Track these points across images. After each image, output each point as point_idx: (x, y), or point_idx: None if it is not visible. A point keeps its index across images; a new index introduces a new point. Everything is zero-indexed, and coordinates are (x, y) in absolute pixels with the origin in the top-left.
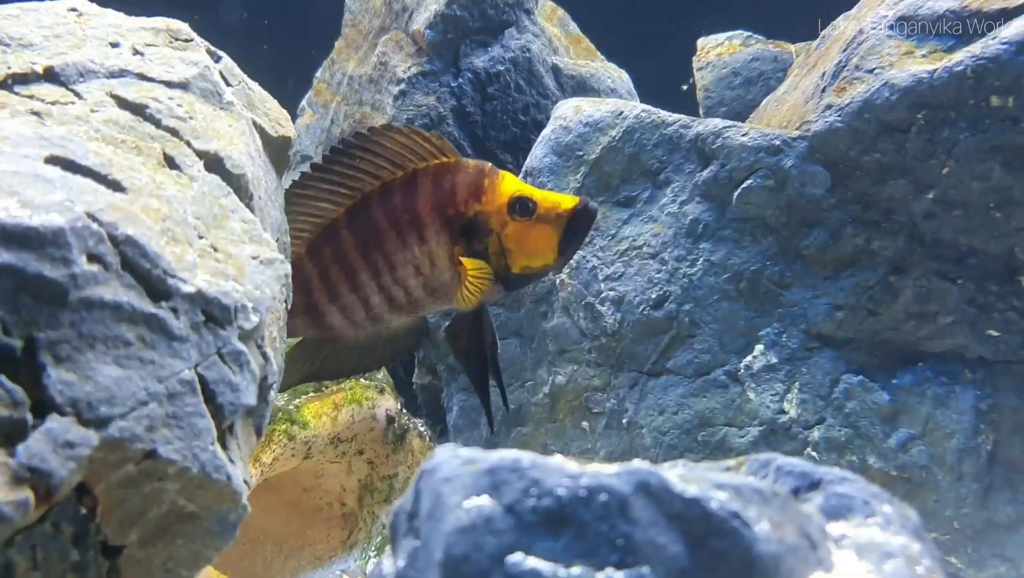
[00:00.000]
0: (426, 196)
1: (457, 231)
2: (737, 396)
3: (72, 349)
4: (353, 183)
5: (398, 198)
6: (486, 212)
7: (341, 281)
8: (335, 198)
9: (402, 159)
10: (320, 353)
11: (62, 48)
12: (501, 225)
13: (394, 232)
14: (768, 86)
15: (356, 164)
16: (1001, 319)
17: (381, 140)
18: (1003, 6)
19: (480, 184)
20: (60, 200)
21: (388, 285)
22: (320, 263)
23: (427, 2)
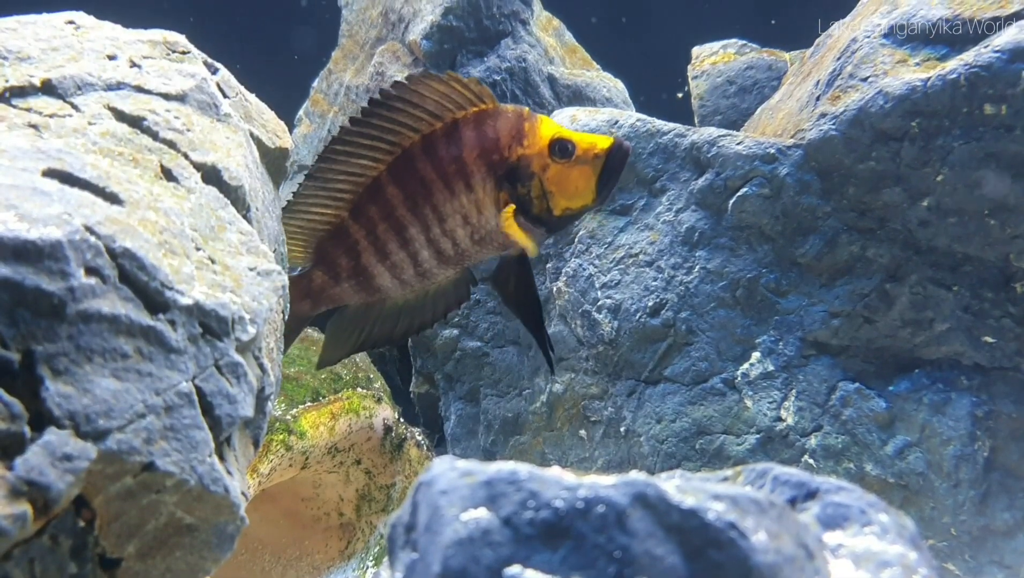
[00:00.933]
0: (470, 144)
1: (502, 177)
2: (734, 404)
3: (70, 362)
4: (393, 137)
5: (442, 148)
6: (528, 155)
7: (390, 238)
8: (375, 154)
9: (441, 109)
10: (368, 319)
11: (59, 61)
12: (543, 168)
13: (442, 183)
14: (763, 94)
15: (395, 117)
16: (996, 326)
17: (420, 89)
18: (995, 15)
19: (521, 128)
20: (58, 213)
21: (437, 238)
22: (367, 223)
23: (423, 13)
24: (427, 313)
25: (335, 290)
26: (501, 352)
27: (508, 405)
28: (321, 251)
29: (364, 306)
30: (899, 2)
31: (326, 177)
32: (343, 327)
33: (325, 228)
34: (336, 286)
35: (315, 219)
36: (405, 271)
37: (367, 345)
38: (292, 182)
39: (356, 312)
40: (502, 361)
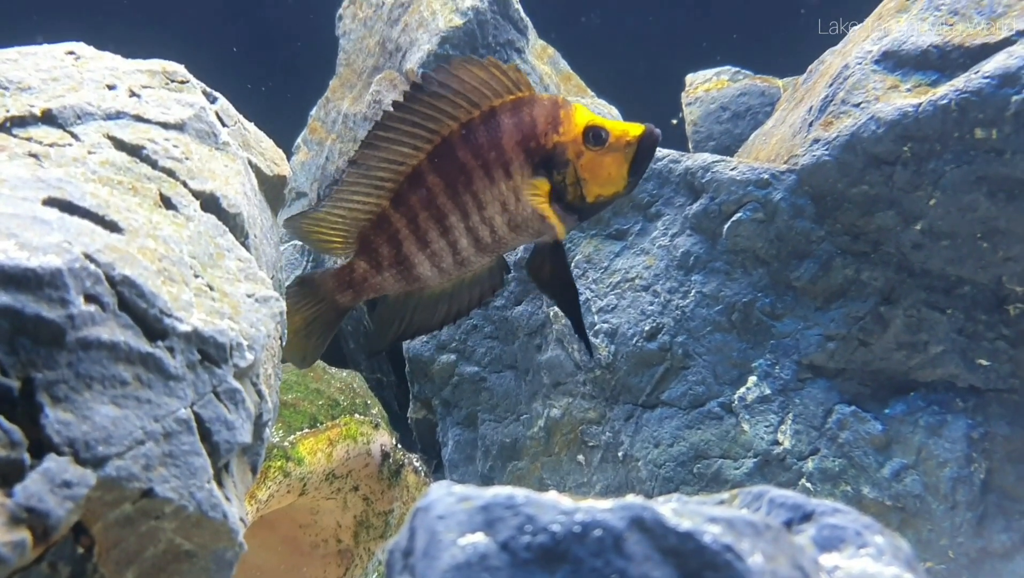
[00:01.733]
0: (509, 131)
1: (538, 164)
2: (732, 427)
3: (69, 389)
4: (433, 125)
5: (482, 135)
6: (564, 143)
7: (431, 227)
8: (416, 142)
9: (480, 96)
10: (408, 308)
11: (60, 91)
12: (577, 155)
13: (482, 170)
14: (756, 120)
15: (436, 104)
16: (991, 348)
17: (461, 74)
18: (984, 41)
19: (557, 115)
20: (58, 241)
21: (476, 225)
22: (408, 211)
23: (420, 42)
24: (463, 300)
25: (376, 280)
26: (499, 377)
27: (506, 430)
28: (363, 241)
29: (403, 295)
30: (890, 29)
31: (368, 164)
32: (386, 318)
33: (367, 217)
34: (378, 275)
35: (357, 208)
36: (444, 259)
37: (407, 334)
38: (290, 209)
39: (396, 301)
40: (500, 386)
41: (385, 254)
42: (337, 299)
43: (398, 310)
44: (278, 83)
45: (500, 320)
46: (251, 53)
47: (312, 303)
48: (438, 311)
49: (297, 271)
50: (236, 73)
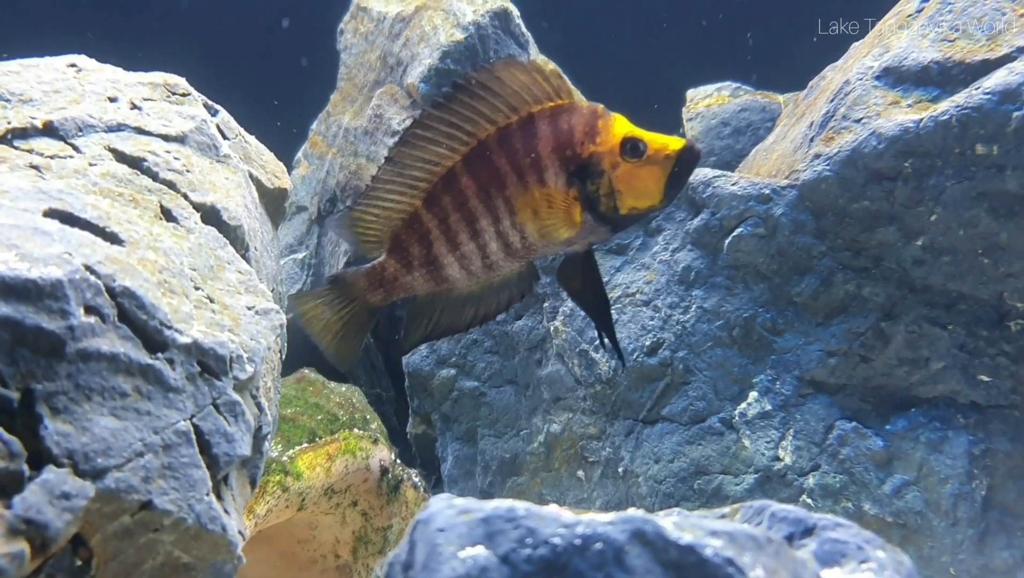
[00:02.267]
0: (546, 138)
1: (573, 173)
2: (732, 443)
3: (69, 401)
4: (470, 127)
5: (518, 141)
6: (600, 153)
7: (461, 229)
8: (452, 144)
9: (520, 101)
10: (435, 309)
11: (61, 103)
12: (613, 166)
13: (515, 176)
14: (757, 136)
15: (475, 105)
16: (992, 364)
17: (503, 76)
18: (985, 57)
19: (595, 125)
20: (58, 253)
21: (507, 230)
22: (440, 212)
23: (421, 57)
24: (491, 304)
25: (406, 279)
26: (499, 392)
27: (506, 445)
28: (395, 240)
29: (431, 296)
30: (891, 45)
31: (404, 163)
32: (415, 317)
33: (400, 216)
34: (408, 275)
35: (392, 207)
36: (473, 262)
37: (435, 334)
38: (290, 223)
39: (424, 301)
40: (500, 401)
41: (415, 254)
42: (368, 298)
43: (426, 310)
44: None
45: (500, 335)
46: (253, 67)
47: (345, 302)
48: (465, 313)
49: (297, 285)
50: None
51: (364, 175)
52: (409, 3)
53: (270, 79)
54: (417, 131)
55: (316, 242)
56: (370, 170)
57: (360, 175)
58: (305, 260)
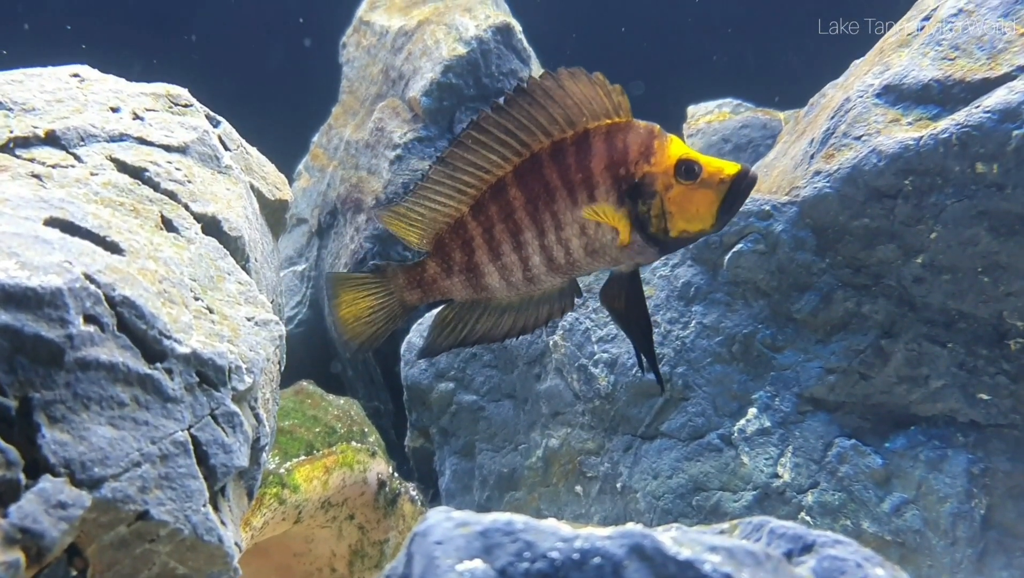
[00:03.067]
0: (600, 155)
1: (625, 192)
2: (731, 460)
3: (67, 409)
4: (525, 136)
5: (571, 156)
6: (654, 173)
7: (505, 240)
8: (505, 152)
9: (578, 115)
10: (473, 315)
11: (64, 112)
12: (666, 187)
13: (566, 191)
14: (758, 152)
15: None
16: (991, 383)
17: (565, 86)
18: (985, 76)
19: (651, 145)
20: (59, 261)
21: (551, 245)
22: (486, 221)
23: (423, 71)
24: (530, 317)
25: (445, 283)
26: (497, 406)
27: (504, 460)
28: (438, 243)
29: (470, 301)
30: (891, 63)
31: (455, 165)
32: (449, 320)
33: (445, 219)
34: (447, 279)
35: (438, 209)
36: (514, 274)
37: (469, 341)
38: (291, 234)
39: (462, 306)
40: (498, 415)
41: (457, 259)
42: (405, 296)
43: (462, 315)
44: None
45: (499, 348)
46: (255, 78)
47: (382, 293)
48: (502, 324)
49: (296, 297)
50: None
51: (365, 188)
52: (412, 17)
53: (272, 91)
54: (473, 133)
55: (316, 254)
56: (371, 183)
57: (361, 188)
58: (305, 272)
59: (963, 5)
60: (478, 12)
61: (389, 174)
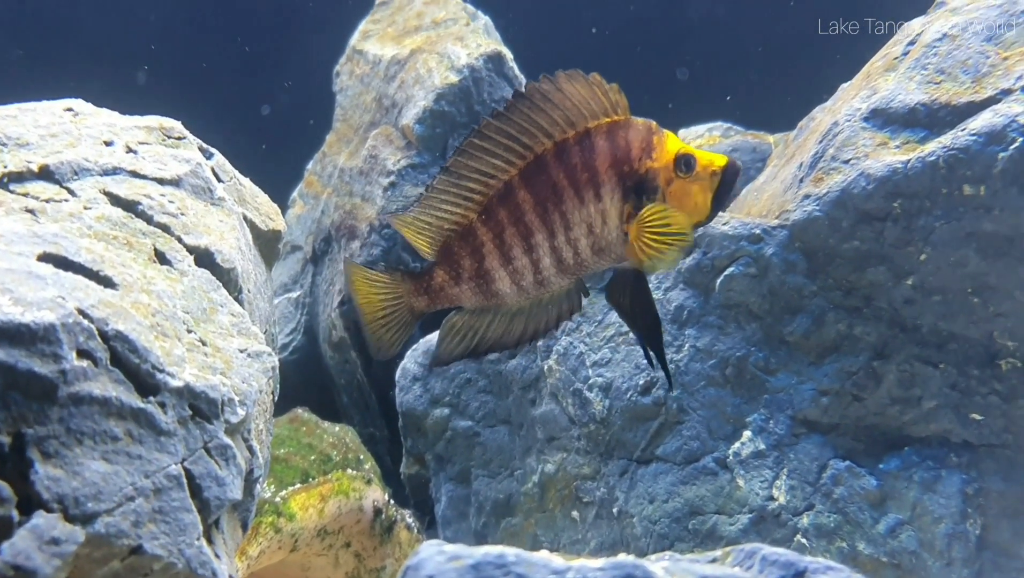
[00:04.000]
0: (603, 153)
1: (629, 188)
2: (727, 483)
3: (60, 445)
4: (528, 140)
5: (575, 155)
6: (656, 169)
7: (516, 244)
8: (509, 156)
9: (578, 115)
10: (483, 323)
11: (57, 147)
12: (667, 182)
13: (572, 190)
14: (748, 176)
15: (534, 117)
16: (983, 403)
17: (565, 88)
18: (971, 99)
19: (651, 141)
20: (52, 297)
21: (560, 246)
22: (495, 226)
23: (416, 98)
24: (540, 321)
25: (454, 290)
26: (492, 432)
27: (499, 486)
28: (446, 250)
29: (479, 309)
30: (878, 87)
31: (460, 173)
32: (458, 329)
33: (452, 227)
34: (456, 287)
35: (445, 217)
36: (525, 277)
37: (481, 349)
38: (285, 262)
39: (472, 314)
40: (493, 441)
41: (466, 267)
42: (412, 302)
43: (472, 324)
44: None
45: (494, 374)
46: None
47: (392, 297)
48: (513, 329)
49: (291, 324)
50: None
51: (359, 215)
52: (404, 46)
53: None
54: (475, 141)
55: (311, 281)
56: (365, 210)
57: (355, 215)
58: (299, 299)
59: (947, 30)
60: (470, 41)
61: (383, 201)
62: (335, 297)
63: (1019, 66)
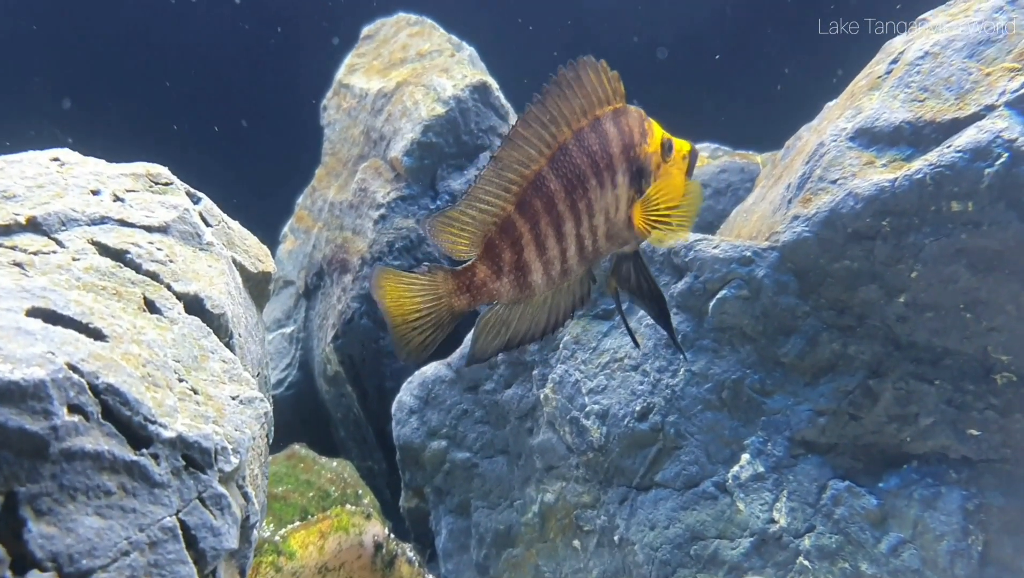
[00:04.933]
0: (615, 140)
1: (635, 174)
2: (727, 507)
3: (53, 502)
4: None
5: (594, 142)
6: (650, 153)
7: (549, 233)
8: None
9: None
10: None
11: (45, 198)
12: (657, 166)
13: (595, 178)
14: (737, 196)
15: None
16: (980, 418)
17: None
18: (955, 116)
19: (644, 127)
20: (41, 352)
21: (584, 233)
22: (532, 216)
23: (403, 131)
24: (560, 311)
25: (495, 285)
26: (491, 462)
27: (500, 517)
28: (488, 245)
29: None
30: (862, 106)
31: (503, 163)
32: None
33: (493, 220)
34: (496, 281)
35: (488, 209)
36: (555, 267)
37: (512, 344)
38: (277, 297)
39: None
40: (492, 472)
41: (506, 260)
42: (453, 301)
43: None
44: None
45: (491, 404)
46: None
47: (432, 298)
48: (539, 320)
49: (286, 359)
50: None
51: (350, 248)
52: (390, 79)
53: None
54: (519, 129)
55: (304, 316)
56: (356, 243)
57: (346, 248)
58: (293, 334)
59: (929, 48)
60: (455, 72)
61: (374, 233)
62: (329, 331)
63: (1001, 82)
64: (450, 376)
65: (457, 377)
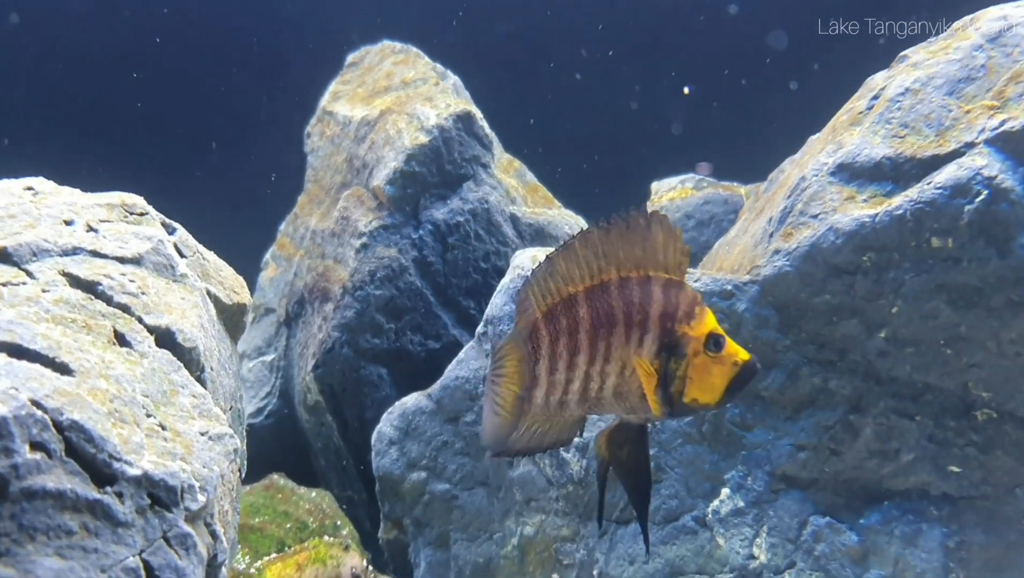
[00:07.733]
0: (658, 303)
1: (664, 346)
2: (707, 542)
3: (12, 542)
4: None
5: (636, 295)
6: (690, 336)
7: (563, 356)
8: (584, 273)
9: (645, 261)
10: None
11: (16, 228)
12: (695, 353)
13: (624, 326)
14: (720, 228)
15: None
16: (961, 454)
17: (653, 228)
18: (935, 152)
19: (694, 309)
20: (4, 389)
21: (593, 375)
22: (554, 330)
23: (386, 159)
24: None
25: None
26: (470, 494)
27: (479, 550)
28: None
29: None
30: (844, 142)
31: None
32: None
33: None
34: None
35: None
36: (554, 393)
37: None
38: (259, 324)
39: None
40: (471, 504)
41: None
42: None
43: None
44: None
45: (471, 436)
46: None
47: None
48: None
49: (266, 387)
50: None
51: (332, 277)
52: (374, 107)
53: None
54: (577, 244)
55: (284, 344)
56: (338, 272)
57: (328, 277)
58: (274, 362)
59: (910, 84)
60: (439, 101)
61: (355, 262)
62: (309, 360)
63: (981, 119)
64: (430, 407)
65: (437, 408)
